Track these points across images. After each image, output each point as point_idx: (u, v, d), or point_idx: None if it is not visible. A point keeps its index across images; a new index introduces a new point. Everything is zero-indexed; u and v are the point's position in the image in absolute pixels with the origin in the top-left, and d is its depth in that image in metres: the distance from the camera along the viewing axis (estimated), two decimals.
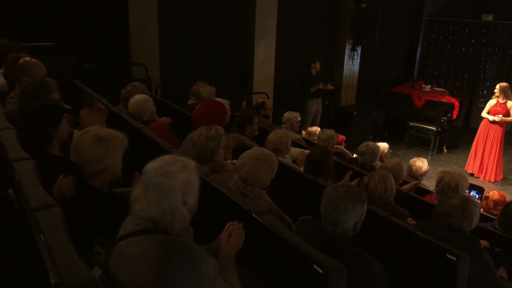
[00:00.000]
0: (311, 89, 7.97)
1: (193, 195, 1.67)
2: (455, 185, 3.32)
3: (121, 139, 2.04)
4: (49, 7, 5.67)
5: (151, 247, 1.53)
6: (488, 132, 7.45)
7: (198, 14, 7.08)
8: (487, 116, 7.34)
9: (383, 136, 9.29)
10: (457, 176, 3.38)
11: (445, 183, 3.37)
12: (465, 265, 2.43)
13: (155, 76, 6.51)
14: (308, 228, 2.34)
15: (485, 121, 7.47)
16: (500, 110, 7.20)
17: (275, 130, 4.05)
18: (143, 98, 4.00)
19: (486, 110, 7.40)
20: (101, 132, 2.00)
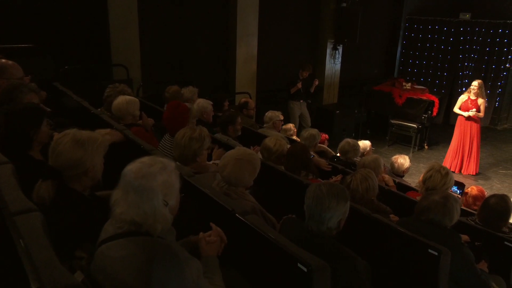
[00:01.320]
0: (291, 90, 7.99)
1: (174, 195, 1.66)
2: (445, 173, 3.38)
3: (100, 142, 2.01)
4: (26, 8, 5.57)
5: (133, 250, 1.52)
6: (465, 128, 7.61)
7: (179, 14, 7.04)
8: (462, 113, 7.48)
9: (365, 134, 9.39)
10: (446, 168, 3.45)
11: (435, 170, 3.42)
12: (447, 259, 2.47)
13: (136, 77, 6.45)
14: (292, 227, 2.35)
15: (461, 119, 7.61)
16: (471, 106, 7.37)
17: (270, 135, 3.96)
18: (126, 100, 3.89)
19: (458, 105, 7.56)
20: (79, 134, 1.97)
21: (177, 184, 1.68)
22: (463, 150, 7.72)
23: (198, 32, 7.36)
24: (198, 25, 7.32)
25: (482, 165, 8.36)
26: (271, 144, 3.66)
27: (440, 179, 3.37)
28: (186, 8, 7.11)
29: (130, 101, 3.87)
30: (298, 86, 8.02)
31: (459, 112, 7.54)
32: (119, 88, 4.18)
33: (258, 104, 7.80)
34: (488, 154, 9.05)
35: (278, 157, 3.63)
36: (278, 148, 3.64)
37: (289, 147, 3.84)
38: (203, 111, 4.75)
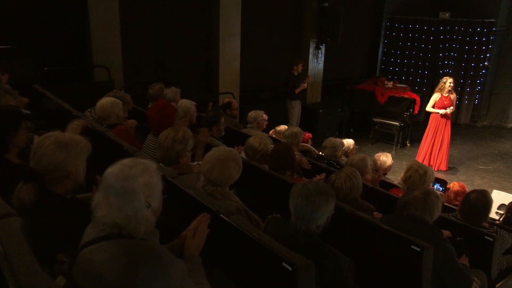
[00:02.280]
0: (296, 90, 8.05)
1: (157, 197, 1.65)
2: (424, 172, 3.44)
3: (83, 144, 1.98)
4: (5, 9, 5.46)
5: (115, 253, 1.50)
6: (441, 125, 7.74)
7: (161, 14, 6.99)
8: (439, 111, 7.59)
9: (349, 133, 9.46)
10: (425, 166, 3.50)
11: (413, 170, 3.48)
12: (429, 255, 2.51)
13: (118, 78, 6.37)
14: (277, 226, 2.36)
15: (435, 116, 7.72)
16: (447, 103, 7.51)
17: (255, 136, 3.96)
18: (110, 101, 3.93)
19: (431, 104, 7.66)
20: (61, 137, 1.94)
21: (159, 186, 1.67)
22: (436, 146, 7.86)
23: (181, 32, 7.32)
24: (180, 25, 7.28)
25: (463, 162, 8.52)
26: (256, 144, 3.67)
27: (419, 179, 3.44)
28: (169, 8, 7.07)
29: (114, 102, 3.93)
30: (304, 86, 8.13)
31: (434, 111, 7.66)
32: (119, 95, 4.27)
33: (241, 104, 7.80)
34: (468, 151, 9.22)
35: (263, 156, 3.64)
36: (263, 147, 3.65)
37: (273, 146, 3.85)
38: (187, 111, 4.73)
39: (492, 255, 3.20)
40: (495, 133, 10.54)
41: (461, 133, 10.30)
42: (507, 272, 3.46)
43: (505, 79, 10.84)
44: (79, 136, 2.03)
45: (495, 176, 7.89)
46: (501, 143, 9.79)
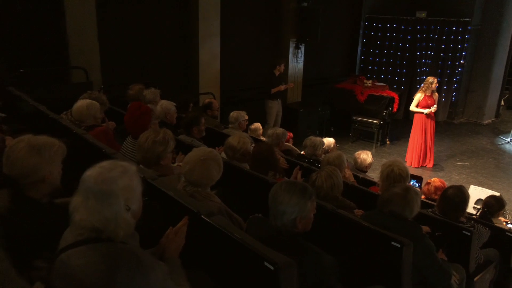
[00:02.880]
0: (272, 90, 8.03)
1: (136, 200, 1.64)
2: (406, 175, 3.49)
3: (57, 147, 1.94)
4: None
5: (94, 257, 1.48)
6: (426, 124, 7.89)
7: (140, 14, 6.92)
8: (423, 110, 7.73)
9: (329, 131, 9.53)
10: (399, 164, 3.55)
11: (389, 170, 3.52)
12: (409, 251, 2.54)
13: (97, 80, 6.28)
14: (259, 226, 2.36)
15: (420, 116, 7.86)
16: (431, 102, 7.67)
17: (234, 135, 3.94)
18: (86, 103, 3.91)
19: (415, 104, 7.81)
20: (35, 140, 1.90)
21: (139, 188, 1.65)
22: (424, 145, 8.00)
23: (160, 32, 7.26)
24: (159, 25, 7.22)
25: (441, 158, 8.69)
26: (234, 143, 3.66)
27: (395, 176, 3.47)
28: (147, 7, 7.00)
29: (90, 104, 3.91)
30: (281, 88, 8.12)
31: (418, 110, 7.78)
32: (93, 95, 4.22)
33: (222, 105, 7.79)
34: (446, 148, 9.40)
35: (243, 154, 3.63)
36: (242, 145, 3.64)
37: (253, 146, 3.85)
38: (167, 112, 4.70)
39: (470, 249, 3.27)
40: (472, 130, 10.77)
41: (438, 130, 10.45)
42: (484, 265, 3.54)
43: (480, 77, 11.09)
44: (53, 138, 1.98)
45: (472, 171, 8.06)
46: (477, 140, 10.01)
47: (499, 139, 10.05)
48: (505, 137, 9.95)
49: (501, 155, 9.06)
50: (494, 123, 11.44)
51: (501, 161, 8.72)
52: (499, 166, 8.44)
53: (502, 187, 7.30)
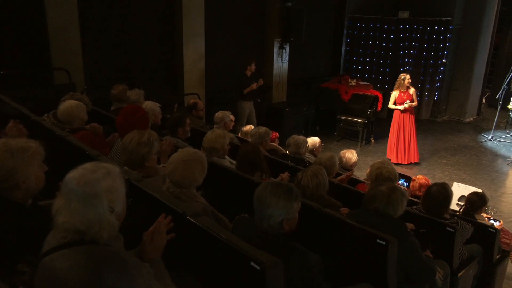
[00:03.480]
0: (245, 90, 8.01)
1: (120, 201, 1.62)
2: (394, 176, 3.52)
3: (33, 151, 1.89)
4: None
5: (78, 259, 1.46)
6: (403, 120, 8.02)
7: (123, 14, 6.85)
8: (398, 107, 7.88)
9: (315, 131, 9.57)
10: (387, 166, 3.59)
11: (378, 173, 3.55)
12: (394, 248, 2.57)
13: (80, 81, 6.20)
14: (245, 226, 2.36)
15: (397, 113, 8.00)
16: (406, 98, 7.82)
17: (213, 129, 3.99)
18: (75, 104, 3.81)
19: (392, 101, 7.94)
20: (9, 144, 1.85)
21: (122, 189, 1.64)
22: (404, 141, 8.12)
23: (144, 32, 7.21)
24: (143, 25, 7.16)
25: (424, 156, 8.80)
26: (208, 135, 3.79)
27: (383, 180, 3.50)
28: (130, 8, 6.94)
29: (78, 106, 3.83)
30: (253, 87, 8.07)
31: (396, 107, 7.93)
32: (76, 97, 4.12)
33: (207, 105, 7.77)
34: (429, 145, 9.53)
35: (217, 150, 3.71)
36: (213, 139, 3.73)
37: (240, 147, 3.85)
38: (151, 113, 4.66)
39: (454, 245, 3.31)
40: (454, 128, 10.93)
41: (422, 128, 10.61)
42: (468, 261, 3.59)
43: (462, 76, 11.26)
44: (30, 142, 1.93)
45: (455, 169, 8.19)
46: (460, 137, 10.17)
47: (481, 136, 10.22)
48: (487, 135, 10.12)
49: (483, 152, 9.22)
50: (476, 120, 11.63)
51: (483, 158, 8.87)
52: (481, 163, 8.59)
53: (484, 184, 7.43)
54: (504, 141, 9.82)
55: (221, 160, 3.80)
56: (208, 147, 3.72)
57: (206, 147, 3.72)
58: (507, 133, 10.27)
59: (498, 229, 4.06)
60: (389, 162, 3.74)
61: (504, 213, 6.42)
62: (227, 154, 3.93)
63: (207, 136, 3.82)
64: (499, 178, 7.91)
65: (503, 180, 7.86)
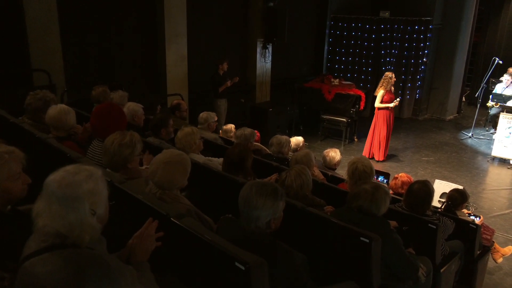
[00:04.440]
0: (220, 88, 8.01)
1: (102, 204, 1.60)
2: (370, 170, 3.55)
3: (7, 158, 1.84)
4: None
5: (60, 263, 1.43)
6: (389, 119, 8.15)
7: (104, 15, 6.77)
8: (388, 105, 7.95)
9: (299, 130, 9.62)
10: (363, 161, 3.62)
11: (354, 168, 3.59)
12: (378, 246, 2.60)
13: (60, 83, 6.10)
14: (229, 227, 2.35)
15: (384, 111, 8.07)
16: (392, 96, 7.98)
17: (181, 128, 3.98)
18: (64, 110, 3.62)
19: (379, 100, 8.02)
20: None
21: (105, 192, 1.62)
22: (387, 139, 8.25)
23: (125, 33, 7.14)
24: (124, 26, 7.10)
25: (407, 153, 8.92)
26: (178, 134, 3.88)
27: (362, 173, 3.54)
28: (111, 8, 6.86)
29: (69, 112, 3.64)
30: (228, 85, 8.07)
31: (384, 106, 7.99)
32: (40, 95, 3.92)
33: (191, 105, 7.73)
34: (412, 144, 9.65)
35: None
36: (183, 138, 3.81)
37: (227, 149, 3.84)
38: (134, 114, 4.62)
39: (436, 241, 3.36)
40: (435, 126, 11.10)
41: (404, 126, 10.76)
42: (450, 257, 3.64)
43: (442, 74, 11.45)
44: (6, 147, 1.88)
45: (437, 166, 8.31)
46: (441, 135, 10.33)
47: (462, 134, 10.40)
48: (467, 132, 10.30)
49: (464, 150, 9.38)
50: (456, 118, 11.83)
51: (463, 155, 9.03)
52: (461, 160, 8.74)
53: (465, 180, 7.57)
54: (483, 139, 10.01)
55: (196, 155, 3.82)
56: (181, 146, 3.73)
57: (179, 146, 3.73)
58: (486, 130, 10.47)
59: (479, 225, 4.14)
60: (364, 158, 3.78)
61: (485, 209, 6.55)
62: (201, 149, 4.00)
63: (177, 136, 3.88)
64: (479, 174, 8.06)
65: (483, 177, 8.01)
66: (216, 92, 8.05)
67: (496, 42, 12.59)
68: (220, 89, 8.01)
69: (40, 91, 4.00)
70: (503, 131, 8.41)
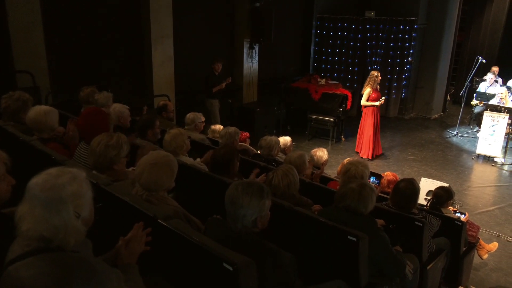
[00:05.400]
0: (214, 89, 8.03)
1: (87, 206, 1.59)
2: (360, 176, 3.57)
3: None
4: None
5: (44, 268, 1.42)
6: (376, 116, 8.25)
7: (89, 15, 6.70)
8: (374, 103, 8.04)
9: (286, 130, 9.63)
10: (361, 167, 3.64)
11: (351, 175, 3.60)
12: (365, 244, 2.62)
13: (44, 84, 6.02)
14: (217, 227, 2.35)
15: (371, 109, 8.16)
16: (378, 95, 8.07)
17: (168, 130, 3.96)
18: (44, 111, 3.54)
19: (365, 98, 8.12)
20: None
21: (89, 194, 1.60)
22: (375, 136, 8.32)
23: (111, 34, 7.07)
24: (110, 27, 7.03)
25: (393, 152, 9.01)
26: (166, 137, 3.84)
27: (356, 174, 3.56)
28: (97, 8, 6.79)
29: (49, 112, 3.56)
30: (222, 86, 8.12)
31: (370, 104, 8.08)
32: (15, 95, 3.81)
33: (178, 106, 7.70)
34: (398, 142, 9.74)
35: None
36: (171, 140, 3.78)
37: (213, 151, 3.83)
38: (120, 116, 4.57)
39: (422, 239, 3.40)
40: (421, 124, 11.22)
41: (390, 125, 10.85)
42: (436, 254, 3.69)
43: (427, 74, 11.58)
44: None
45: (423, 164, 8.40)
46: (427, 134, 10.45)
47: (447, 132, 10.53)
48: (452, 131, 10.44)
49: (449, 148, 9.50)
50: (441, 117, 11.97)
51: (448, 153, 9.14)
52: (447, 158, 8.85)
53: (451, 178, 7.66)
54: (468, 137, 10.15)
55: (185, 157, 3.80)
56: (171, 148, 3.70)
57: (168, 148, 3.70)
58: (471, 128, 10.62)
59: (464, 222, 4.20)
60: (361, 162, 3.78)
61: (470, 206, 6.64)
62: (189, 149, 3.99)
63: (165, 139, 3.83)
64: (464, 172, 8.17)
65: (468, 174, 8.13)
66: (210, 92, 8.08)
67: (479, 42, 12.77)
68: (214, 89, 8.05)
69: (14, 92, 3.88)
70: (487, 129, 8.53)
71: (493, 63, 11.46)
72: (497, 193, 7.28)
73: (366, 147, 8.42)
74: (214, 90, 8.05)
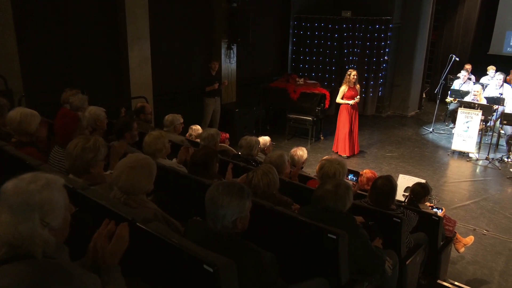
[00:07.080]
0: (207, 88, 8.21)
1: (58, 216, 1.54)
2: (333, 173, 3.62)
3: None
4: None
5: (18, 275, 1.38)
6: (352, 114, 8.38)
7: (63, 17, 6.58)
8: (348, 102, 8.17)
9: (266, 130, 9.65)
10: (335, 165, 3.67)
11: (324, 171, 3.65)
12: (345, 241, 2.64)
13: (17, 87, 5.88)
14: (197, 229, 2.34)
15: (346, 107, 8.30)
16: (354, 93, 8.18)
17: (149, 132, 3.92)
18: (28, 113, 3.48)
19: (340, 96, 8.26)
20: None
21: (61, 203, 1.55)
22: (350, 134, 8.42)
23: (86, 35, 6.95)
24: (85, 28, 6.91)
25: (371, 150, 9.12)
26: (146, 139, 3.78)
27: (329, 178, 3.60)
28: (71, 9, 6.67)
29: (34, 115, 3.51)
30: (215, 87, 8.29)
31: (344, 102, 8.24)
32: None
33: (157, 108, 7.63)
34: (376, 140, 9.88)
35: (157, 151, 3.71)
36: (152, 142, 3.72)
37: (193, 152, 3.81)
38: (96, 118, 4.49)
39: (401, 234, 3.46)
40: (398, 122, 11.41)
41: (368, 124, 10.99)
42: (414, 249, 3.75)
43: (403, 72, 11.78)
44: None
45: (400, 161, 8.54)
46: (403, 131, 10.62)
47: (423, 129, 10.73)
48: (428, 128, 10.64)
49: (425, 145, 9.68)
50: (417, 114, 12.20)
51: (425, 150, 9.32)
52: (423, 154, 9.01)
53: (428, 174, 7.81)
54: (443, 133, 10.37)
55: (165, 160, 3.77)
56: (150, 151, 3.66)
57: (148, 150, 3.66)
58: (446, 125, 10.85)
59: (441, 217, 4.28)
60: (336, 160, 3.83)
61: (446, 201, 6.78)
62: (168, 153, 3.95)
63: (145, 141, 3.78)
64: (440, 168, 8.34)
65: (444, 170, 8.30)
66: (204, 90, 8.28)
67: (452, 40, 13.08)
68: (207, 88, 8.22)
69: None
70: (462, 126, 8.73)
71: (466, 61, 11.74)
72: (472, 188, 7.45)
73: (342, 144, 8.52)
74: (208, 89, 8.22)
